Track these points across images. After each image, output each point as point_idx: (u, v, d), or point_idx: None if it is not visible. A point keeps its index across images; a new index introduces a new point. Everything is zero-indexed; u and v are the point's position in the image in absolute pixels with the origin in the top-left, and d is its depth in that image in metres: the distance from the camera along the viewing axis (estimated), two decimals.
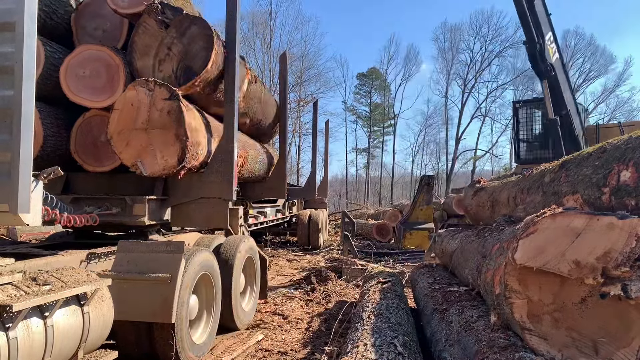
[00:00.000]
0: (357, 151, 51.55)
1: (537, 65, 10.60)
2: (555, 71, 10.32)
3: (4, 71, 2.56)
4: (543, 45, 10.06)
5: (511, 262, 2.43)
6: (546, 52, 10.06)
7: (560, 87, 10.44)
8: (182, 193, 4.89)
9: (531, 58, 10.66)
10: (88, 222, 3.81)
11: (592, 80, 44.88)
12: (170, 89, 4.28)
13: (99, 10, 5.00)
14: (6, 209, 2.55)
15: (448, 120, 48.23)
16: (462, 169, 48.79)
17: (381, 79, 48.95)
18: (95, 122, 4.70)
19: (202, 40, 4.64)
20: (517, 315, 2.43)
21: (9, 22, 2.55)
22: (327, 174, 16.56)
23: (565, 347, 2.33)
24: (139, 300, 3.65)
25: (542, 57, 10.15)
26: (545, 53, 10.06)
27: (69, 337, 2.85)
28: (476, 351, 2.68)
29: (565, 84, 10.58)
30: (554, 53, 10.16)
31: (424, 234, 11.07)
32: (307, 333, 5.23)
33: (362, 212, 23.64)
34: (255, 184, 7.22)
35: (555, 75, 10.32)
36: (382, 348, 3.07)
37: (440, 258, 6.08)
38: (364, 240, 14.90)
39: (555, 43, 10.29)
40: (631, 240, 2.18)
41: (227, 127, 4.92)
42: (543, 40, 10.06)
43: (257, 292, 6.01)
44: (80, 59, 4.53)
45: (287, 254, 11.94)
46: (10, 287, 2.58)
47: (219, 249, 5.16)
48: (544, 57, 10.10)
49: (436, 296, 4.42)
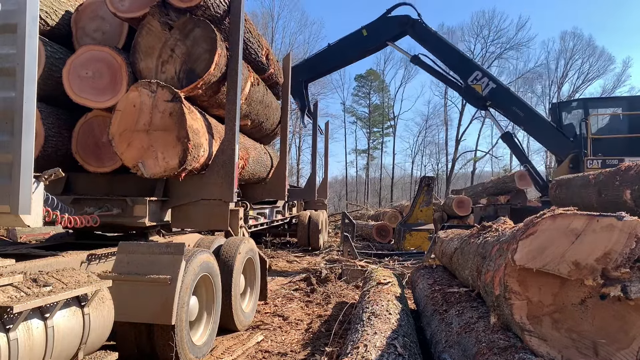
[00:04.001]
0: (356, 152, 51.62)
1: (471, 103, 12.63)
2: (492, 100, 11.51)
3: (6, 73, 2.57)
4: (467, 86, 11.48)
5: (511, 264, 2.44)
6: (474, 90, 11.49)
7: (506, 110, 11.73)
8: (183, 194, 4.90)
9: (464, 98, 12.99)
10: (89, 223, 3.82)
11: (591, 81, 44.95)
12: (172, 91, 4.29)
13: (98, 12, 5.01)
14: (7, 210, 2.56)
15: (448, 121, 48.31)
16: (462, 170, 48.78)
17: (379, 80, 48.96)
18: (97, 123, 4.70)
19: (205, 43, 4.65)
20: (517, 316, 2.43)
21: (10, 23, 2.56)
22: (327, 175, 16.57)
23: (565, 348, 2.33)
24: (139, 302, 3.66)
25: (472, 96, 11.66)
26: (473, 92, 11.48)
27: (69, 339, 2.86)
28: (476, 352, 2.69)
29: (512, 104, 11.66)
30: (484, 87, 11.38)
31: (423, 235, 11.08)
32: (307, 334, 5.23)
33: (362, 213, 23.65)
34: (256, 186, 7.22)
35: (495, 102, 11.58)
36: (382, 349, 3.08)
37: (440, 259, 6.09)
38: (364, 241, 14.90)
39: (485, 77, 11.52)
40: (631, 242, 2.18)
41: (229, 129, 4.93)
42: (466, 83, 11.47)
43: (257, 293, 6.01)
44: (82, 59, 4.54)
45: (287, 255, 11.93)
46: (10, 288, 2.58)
47: (219, 250, 5.16)
48: (474, 95, 11.53)
49: (436, 297, 4.43)
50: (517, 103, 11.68)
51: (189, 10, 4.63)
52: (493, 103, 11.55)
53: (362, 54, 12.28)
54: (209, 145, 4.80)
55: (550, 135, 11.60)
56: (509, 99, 11.66)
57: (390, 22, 11.41)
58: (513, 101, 11.67)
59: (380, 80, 48.98)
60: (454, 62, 11.83)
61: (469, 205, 15.40)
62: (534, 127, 11.71)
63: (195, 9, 4.63)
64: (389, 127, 49.79)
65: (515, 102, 11.67)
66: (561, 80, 45.08)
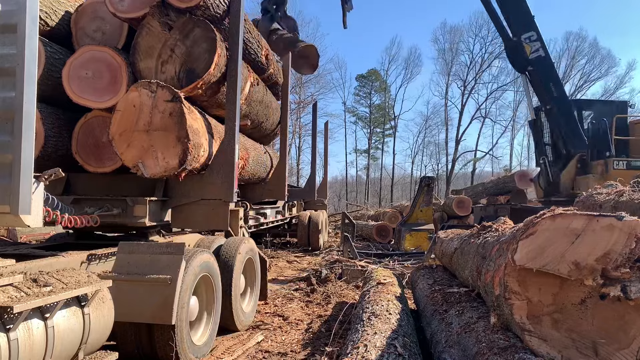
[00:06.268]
0: (357, 152, 51.62)
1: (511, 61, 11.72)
2: (535, 67, 11.04)
3: (6, 73, 2.57)
4: (518, 42, 10.93)
5: (511, 264, 2.44)
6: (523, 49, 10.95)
7: (542, 83, 11.20)
8: (183, 194, 4.90)
9: (507, 52, 11.82)
10: (89, 223, 3.82)
11: (593, 82, 44.95)
12: (172, 91, 4.29)
13: (98, 12, 5.01)
14: (7, 210, 2.56)
15: (448, 121, 48.30)
16: (462, 170, 48.79)
17: (380, 80, 48.96)
18: (97, 123, 4.70)
19: (205, 43, 4.65)
20: (517, 316, 2.43)
21: (10, 23, 2.56)
22: (326, 175, 16.55)
23: (565, 348, 2.33)
24: (139, 302, 3.66)
25: (517, 53, 11.07)
26: (522, 50, 10.93)
27: (69, 339, 2.86)
28: (476, 352, 2.69)
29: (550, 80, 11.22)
30: (534, 51, 10.91)
31: (423, 235, 11.08)
32: (307, 334, 5.23)
33: (362, 214, 23.64)
34: (256, 186, 7.22)
35: (536, 71, 11.06)
36: (382, 349, 3.08)
37: (440, 259, 6.09)
38: (364, 242, 14.91)
39: (539, 41, 10.97)
40: (630, 242, 2.18)
41: (229, 129, 4.93)
42: (518, 37, 10.93)
43: (257, 293, 6.01)
44: (82, 60, 4.54)
45: (287, 255, 11.94)
46: (11, 288, 2.58)
47: (219, 250, 5.16)
48: (520, 53, 10.96)
49: (436, 297, 4.43)
50: (555, 80, 11.31)
51: (188, 11, 4.63)
52: (534, 70, 11.07)
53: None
54: (209, 145, 4.80)
55: (571, 126, 11.19)
56: (550, 73, 11.29)
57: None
58: (552, 77, 11.31)
59: (381, 81, 48.99)
60: (517, 11, 11.12)
61: (469, 205, 15.41)
62: (560, 111, 11.22)
63: (195, 9, 4.63)
64: (390, 127, 49.84)
65: (554, 79, 11.29)
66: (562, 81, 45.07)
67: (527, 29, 10.98)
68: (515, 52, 11.23)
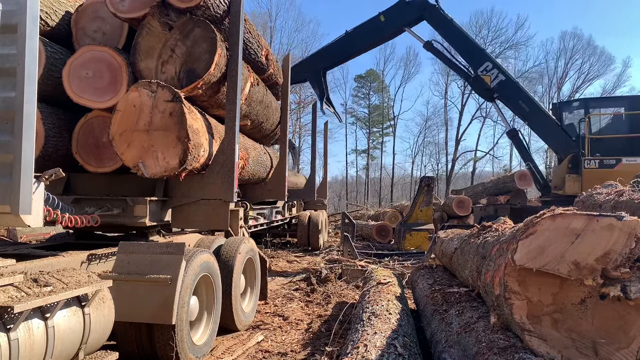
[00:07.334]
0: (356, 152, 51.61)
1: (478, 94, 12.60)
2: (500, 92, 11.61)
3: (6, 73, 2.57)
4: (477, 76, 11.61)
5: (511, 264, 2.44)
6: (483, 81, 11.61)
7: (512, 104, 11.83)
8: (183, 194, 4.90)
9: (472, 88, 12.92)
10: (89, 222, 3.82)
11: (591, 81, 44.92)
12: (172, 91, 4.29)
13: (99, 12, 5.01)
14: (8, 210, 2.56)
15: (448, 121, 48.30)
16: (462, 170, 48.80)
17: (379, 80, 48.93)
18: (97, 123, 4.71)
19: (205, 43, 4.65)
20: (517, 316, 2.44)
21: (11, 24, 2.56)
22: (326, 175, 16.54)
23: (564, 348, 2.33)
24: (139, 302, 3.66)
25: (480, 86, 11.76)
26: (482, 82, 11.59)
27: (69, 339, 2.86)
28: (476, 352, 2.69)
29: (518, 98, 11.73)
30: (494, 79, 11.49)
31: (423, 235, 11.08)
32: (307, 334, 5.24)
33: (362, 213, 23.64)
34: (256, 186, 7.23)
35: (502, 95, 11.68)
36: (382, 349, 3.08)
37: (440, 259, 6.09)
38: (364, 241, 14.90)
39: (495, 68, 11.62)
40: (630, 241, 2.19)
41: (229, 129, 4.93)
42: (476, 72, 11.60)
43: (257, 293, 6.02)
44: (83, 60, 4.55)
45: (287, 255, 11.93)
46: (11, 288, 2.58)
47: (219, 250, 5.17)
48: (483, 85, 11.61)
49: (436, 297, 4.43)
50: (524, 97, 11.72)
51: (189, 11, 4.63)
52: (500, 95, 11.61)
53: (380, 40, 12.46)
54: (209, 145, 4.80)
55: (554, 133, 11.64)
56: (516, 93, 11.71)
57: (408, 7, 11.50)
58: (520, 95, 11.72)
59: (379, 81, 48.96)
60: (467, 50, 11.91)
61: (469, 205, 15.41)
62: (538, 123, 11.76)
63: (195, 9, 4.63)
64: (389, 127, 49.82)
65: (522, 97, 11.70)
66: (561, 81, 45.08)
67: (481, 61, 11.61)
68: (478, 85, 11.86)
